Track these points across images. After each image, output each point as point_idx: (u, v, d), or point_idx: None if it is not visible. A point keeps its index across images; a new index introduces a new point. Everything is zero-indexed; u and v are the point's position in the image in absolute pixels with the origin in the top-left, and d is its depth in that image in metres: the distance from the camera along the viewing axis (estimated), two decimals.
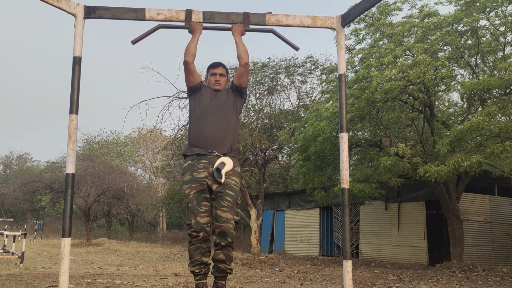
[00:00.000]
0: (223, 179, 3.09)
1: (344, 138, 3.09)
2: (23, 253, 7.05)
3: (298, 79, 16.64)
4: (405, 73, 8.28)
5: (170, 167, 18.72)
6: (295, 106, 17.13)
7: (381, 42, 10.05)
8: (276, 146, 15.31)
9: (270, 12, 3.28)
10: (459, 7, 9.12)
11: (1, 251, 7.91)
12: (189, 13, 3.23)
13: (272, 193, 17.02)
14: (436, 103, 10.61)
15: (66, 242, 2.80)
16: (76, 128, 2.95)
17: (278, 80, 16.18)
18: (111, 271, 6.85)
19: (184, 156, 3.33)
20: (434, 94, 9.43)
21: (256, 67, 15.40)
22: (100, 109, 65.55)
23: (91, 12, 3.09)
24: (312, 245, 14.35)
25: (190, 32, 3.33)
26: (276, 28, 3.41)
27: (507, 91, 8.48)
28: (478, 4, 8.64)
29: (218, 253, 3.14)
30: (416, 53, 8.53)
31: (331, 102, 10.51)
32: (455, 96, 19.61)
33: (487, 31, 9.26)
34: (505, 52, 8.89)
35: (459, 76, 10.49)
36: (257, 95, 16.14)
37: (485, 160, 7.41)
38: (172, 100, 10.81)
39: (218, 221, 3.11)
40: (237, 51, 3.36)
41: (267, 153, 14.77)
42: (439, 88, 9.94)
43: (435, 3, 9.65)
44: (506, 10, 8.73)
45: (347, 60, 10.45)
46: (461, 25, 9.12)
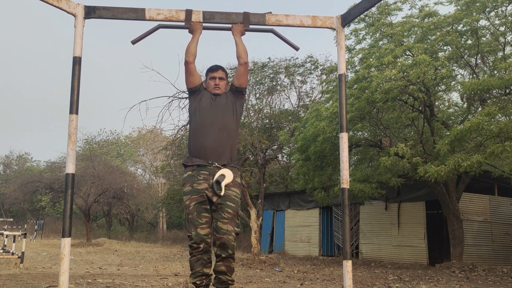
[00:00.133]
0: (223, 192, 3.08)
1: (344, 138, 3.09)
2: (23, 253, 7.05)
3: (298, 79, 16.64)
4: (405, 73, 8.28)
5: (170, 167, 18.72)
6: (295, 106, 17.12)
7: (381, 42, 10.05)
8: (276, 146, 15.31)
9: (270, 12, 3.28)
10: (459, 7, 9.12)
11: (1, 251, 7.91)
12: (189, 13, 3.23)
13: (272, 193, 17.01)
14: (436, 103, 10.61)
15: (66, 242, 2.80)
16: (76, 128, 2.95)
17: (278, 80, 16.18)
18: (111, 271, 6.85)
19: (184, 166, 3.32)
20: (434, 94, 9.43)
21: (256, 67, 15.39)
22: (100, 109, 65.58)
23: (91, 12, 3.09)
24: (312, 245, 14.35)
25: (190, 32, 3.32)
26: (276, 28, 3.41)
27: (507, 91, 8.48)
28: (478, 4, 8.64)
29: (219, 265, 3.13)
30: (416, 53, 8.53)
31: (331, 102, 10.51)
32: (455, 96, 19.61)
33: (487, 31, 9.26)
34: (505, 52, 8.89)
35: (459, 76, 10.50)
36: (257, 95, 16.13)
37: (485, 160, 7.41)
38: (172, 100, 10.83)
39: (219, 233, 3.10)
40: (237, 51, 3.36)
41: (267, 153, 14.77)
42: (439, 88, 9.93)
43: (435, 3, 9.66)
44: (506, 10, 8.73)
45: (347, 60, 10.45)
46: (461, 25, 9.12)
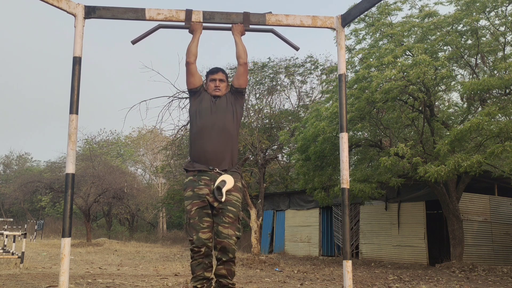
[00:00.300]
0: (224, 198, 3.10)
1: (344, 138, 3.09)
2: (23, 253, 7.05)
3: (298, 79, 16.65)
4: (405, 73, 8.28)
5: (170, 167, 18.72)
6: (295, 106, 17.13)
7: (381, 42, 10.05)
8: (276, 146, 15.32)
9: (270, 12, 3.28)
10: (459, 7, 9.12)
11: (1, 251, 7.91)
12: (189, 13, 3.23)
13: (272, 193, 17.00)
14: (436, 103, 10.61)
15: (66, 242, 2.80)
16: (76, 128, 2.95)
17: (278, 80, 16.19)
18: (111, 271, 6.85)
19: (186, 170, 3.34)
20: (434, 94, 9.43)
21: (256, 67, 15.39)
22: (100, 109, 65.59)
23: (91, 12, 3.09)
24: (312, 245, 14.35)
25: (190, 32, 3.32)
26: (276, 28, 3.41)
27: (507, 91, 8.48)
28: (478, 4, 8.64)
29: (220, 268, 3.15)
30: (416, 53, 8.53)
31: (331, 102, 10.51)
32: (455, 96, 19.61)
33: (487, 31, 9.26)
34: (505, 52, 8.89)
35: (459, 76, 10.50)
36: (257, 95, 16.14)
37: (485, 160, 7.41)
38: (172, 100, 10.85)
39: (220, 237, 3.12)
40: (237, 51, 3.36)
41: (267, 153, 14.77)
42: (439, 88, 9.93)
43: (435, 3, 9.65)
44: (506, 10, 8.73)
45: (347, 60, 10.45)
46: (461, 25, 9.11)
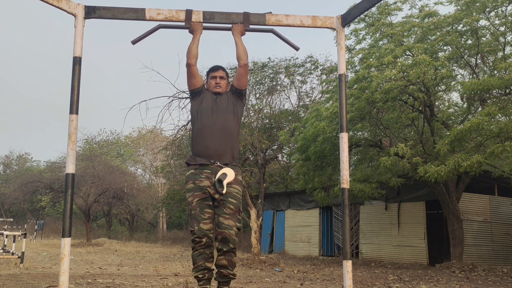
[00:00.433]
0: (225, 190, 3.16)
1: (344, 138, 3.09)
2: (23, 253, 7.05)
3: (298, 79, 16.63)
4: (405, 73, 8.28)
5: (170, 167, 18.71)
6: (295, 106, 17.12)
7: (381, 42, 10.05)
8: (276, 146, 15.31)
9: (270, 12, 3.28)
10: (459, 7, 9.12)
11: (1, 251, 7.91)
12: (189, 13, 3.23)
13: (272, 193, 17.00)
14: (436, 103, 10.61)
15: (66, 242, 2.80)
16: (76, 128, 2.95)
17: (278, 80, 16.17)
18: (111, 271, 6.85)
19: (188, 164, 3.40)
20: (434, 94, 9.43)
21: (256, 67, 15.39)
22: (100, 109, 65.58)
23: (91, 12, 3.09)
24: (312, 245, 14.35)
25: (191, 32, 3.33)
26: (276, 28, 3.41)
27: (507, 91, 8.47)
28: (478, 4, 8.64)
29: (221, 259, 3.19)
30: (416, 53, 8.53)
31: (331, 102, 10.51)
32: (455, 96, 19.62)
33: (487, 31, 9.25)
34: (505, 52, 8.89)
35: (459, 76, 10.50)
36: (257, 95, 16.13)
37: (485, 160, 7.41)
38: (172, 100, 10.84)
39: (220, 228, 3.17)
40: (237, 52, 3.37)
41: (267, 153, 14.77)
42: (439, 88, 9.93)
43: (435, 3, 9.65)
44: (506, 10, 8.73)
45: (347, 60, 10.45)
46: (461, 25, 9.11)
